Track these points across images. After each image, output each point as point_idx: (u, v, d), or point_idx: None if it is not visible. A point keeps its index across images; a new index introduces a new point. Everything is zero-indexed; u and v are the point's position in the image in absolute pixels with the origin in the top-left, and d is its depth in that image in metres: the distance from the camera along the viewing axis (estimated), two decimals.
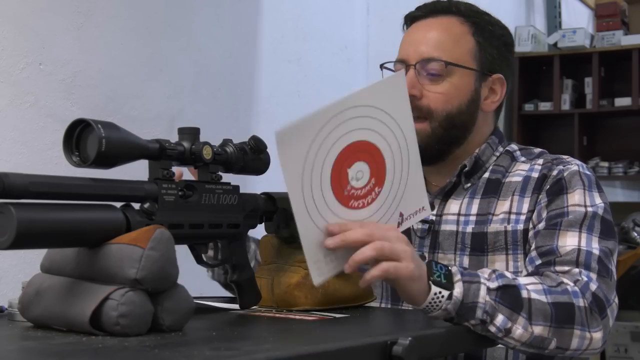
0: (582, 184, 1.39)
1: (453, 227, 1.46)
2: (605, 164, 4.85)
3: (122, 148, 1.06)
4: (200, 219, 1.18)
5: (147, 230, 1.04)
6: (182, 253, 1.15)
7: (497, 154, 1.52)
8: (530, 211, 1.41)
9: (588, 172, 1.42)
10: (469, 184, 1.49)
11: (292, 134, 1.05)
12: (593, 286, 1.25)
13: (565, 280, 1.25)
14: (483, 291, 1.17)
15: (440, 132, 1.47)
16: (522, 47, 4.92)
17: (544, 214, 1.38)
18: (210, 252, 1.33)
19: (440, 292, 1.16)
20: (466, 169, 1.49)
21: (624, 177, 4.91)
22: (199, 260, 1.27)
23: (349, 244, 1.11)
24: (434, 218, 1.49)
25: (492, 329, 1.17)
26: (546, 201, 1.40)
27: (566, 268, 1.28)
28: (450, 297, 1.15)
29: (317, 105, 1.11)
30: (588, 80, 4.87)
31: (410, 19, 1.54)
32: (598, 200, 1.38)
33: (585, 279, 1.26)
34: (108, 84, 2.12)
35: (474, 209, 1.46)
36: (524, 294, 1.19)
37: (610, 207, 1.40)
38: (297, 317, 1.24)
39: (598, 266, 1.28)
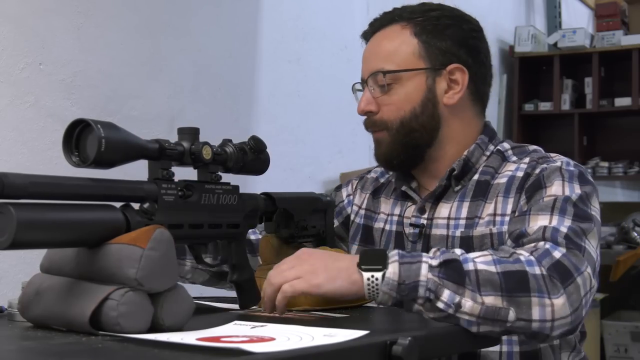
0: (562, 178, 1.37)
1: (443, 232, 1.46)
2: (605, 164, 4.85)
3: (121, 148, 1.06)
4: (199, 219, 1.18)
5: (147, 230, 1.04)
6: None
7: (488, 153, 1.50)
8: (513, 212, 1.40)
9: (571, 168, 1.40)
10: (459, 187, 1.48)
11: None
12: (557, 254, 1.20)
13: (520, 251, 1.21)
14: (424, 269, 1.15)
15: (400, 138, 1.48)
16: (522, 47, 4.92)
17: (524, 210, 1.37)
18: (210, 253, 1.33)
19: (373, 276, 1.16)
20: (455, 172, 1.48)
21: (624, 177, 4.91)
22: (199, 260, 1.27)
23: (269, 304, 1.20)
24: (425, 222, 1.48)
25: (441, 305, 1.14)
26: (525, 199, 1.38)
27: (532, 244, 1.25)
28: (383, 279, 1.15)
29: (317, 105, 1.10)
30: (588, 80, 4.87)
31: (364, 37, 1.58)
32: (577, 190, 1.35)
33: (547, 247, 1.22)
34: (108, 84, 2.12)
35: (464, 212, 1.45)
36: (470, 266, 1.16)
37: (610, 207, 1.40)
38: (297, 317, 1.24)
39: (566, 241, 1.24)
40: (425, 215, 1.49)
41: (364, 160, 3.32)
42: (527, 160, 1.46)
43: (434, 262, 1.16)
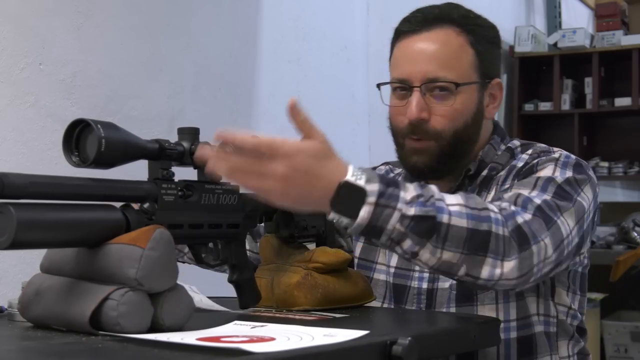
0: (554, 164, 1.37)
1: None
2: (605, 164, 4.85)
3: (121, 148, 1.06)
4: (199, 219, 1.18)
5: (147, 230, 1.04)
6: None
7: (499, 152, 1.51)
8: None
9: (568, 159, 1.40)
10: (471, 186, 1.49)
11: None
12: (519, 219, 1.21)
13: (491, 206, 1.20)
14: (395, 219, 1.11)
15: (448, 149, 1.45)
16: (522, 47, 4.92)
17: None
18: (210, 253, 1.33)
19: (339, 219, 1.11)
20: (470, 172, 1.48)
21: (624, 177, 4.91)
22: (199, 260, 1.27)
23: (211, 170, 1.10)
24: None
25: (399, 250, 1.14)
26: (516, 182, 1.39)
27: (501, 203, 1.25)
28: (351, 222, 1.11)
29: (317, 105, 1.11)
30: (588, 80, 4.87)
31: (405, 33, 1.48)
32: (567, 174, 1.35)
33: (513, 210, 1.22)
34: (108, 84, 2.12)
35: None
36: (444, 218, 1.13)
37: (610, 207, 1.40)
38: (297, 317, 1.24)
39: (535, 210, 1.24)
40: None
41: (364, 161, 3.32)
42: (529, 151, 1.47)
43: (409, 212, 1.12)
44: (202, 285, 1.61)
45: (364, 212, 1.10)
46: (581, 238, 1.33)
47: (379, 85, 1.52)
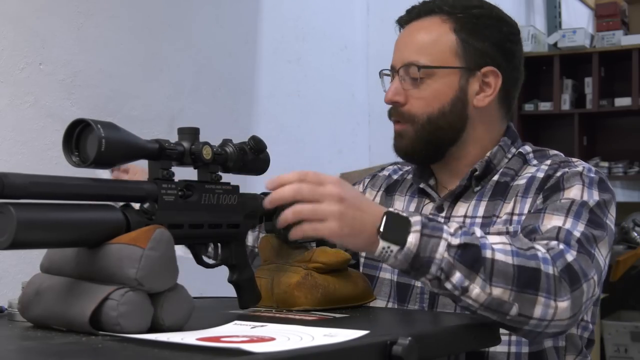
0: (582, 182, 1.37)
1: None
2: (605, 164, 4.85)
3: (121, 148, 1.06)
4: (199, 219, 1.18)
5: (147, 230, 1.04)
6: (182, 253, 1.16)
7: (509, 155, 1.49)
8: (530, 211, 1.39)
9: (592, 175, 1.39)
10: (478, 187, 1.47)
11: None
12: (569, 257, 1.21)
13: (538, 246, 1.21)
14: (442, 247, 1.14)
15: (424, 134, 1.46)
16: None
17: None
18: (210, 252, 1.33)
19: (389, 247, 1.14)
20: (477, 173, 1.47)
21: (624, 177, 4.91)
22: (199, 260, 1.27)
23: (280, 202, 1.17)
24: (442, 221, 1.48)
25: (449, 286, 1.15)
26: (542, 198, 1.38)
27: (545, 241, 1.25)
28: (401, 250, 1.14)
29: (317, 105, 1.11)
30: (588, 80, 4.88)
31: (400, 23, 1.54)
32: (595, 196, 1.35)
33: (561, 248, 1.22)
34: (108, 84, 2.12)
35: (480, 211, 1.45)
36: (488, 253, 1.15)
37: None
38: (297, 317, 1.24)
39: (578, 245, 1.25)
40: (443, 214, 1.48)
41: (363, 160, 3.33)
42: (548, 162, 1.45)
43: (454, 242, 1.15)
44: (202, 285, 1.61)
45: (412, 238, 1.14)
46: (609, 262, 1.34)
47: (380, 73, 1.58)
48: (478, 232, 1.20)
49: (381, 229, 1.15)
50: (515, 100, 1.56)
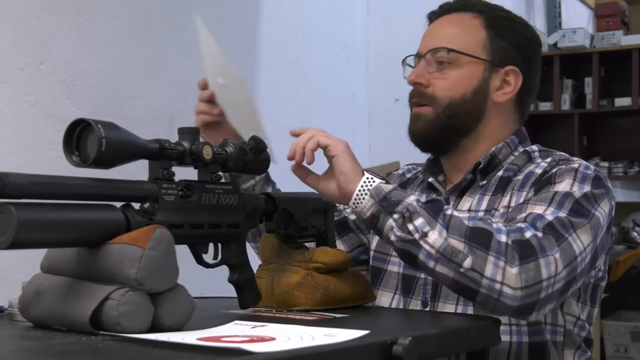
0: (573, 177, 1.38)
1: None
2: (605, 164, 4.85)
3: (122, 148, 1.06)
4: (200, 219, 1.18)
5: (147, 230, 1.04)
6: (182, 253, 1.16)
7: (516, 154, 1.52)
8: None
9: (588, 171, 1.40)
10: (484, 182, 1.50)
11: None
12: (527, 234, 1.24)
13: (496, 221, 1.29)
14: (411, 198, 1.27)
15: (442, 118, 1.49)
16: None
17: None
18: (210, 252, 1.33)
19: (371, 178, 1.29)
20: (481, 166, 1.49)
21: (624, 177, 4.91)
22: (199, 260, 1.27)
23: (300, 150, 1.36)
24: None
25: (411, 227, 1.24)
26: (533, 192, 1.40)
27: (511, 222, 1.29)
28: (379, 185, 1.27)
29: (317, 105, 1.11)
30: (588, 80, 4.87)
31: (430, 17, 1.60)
32: (584, 189, 1.36)
33: (521, 226, 1.26)
34: (108, 84, 2.12)
35: (483, 205, 1.47)
36: (448, 211, 1.26)
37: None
38: (297, 317, 1.24)
39: (545, 227, 1.26)
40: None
41: (363, 160, 3.32)
42: (548, 159, 1.48)
43: (422, 199, 1.29)
44: (202, 285, 1.61)
45: (388, 185, 1.29)
46: (595, 253, 1.33)
47: (403, 62, 1.61)
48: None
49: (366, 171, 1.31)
50: (529, 109, 1.61)
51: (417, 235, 1.23)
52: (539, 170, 1.45)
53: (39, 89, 1.93)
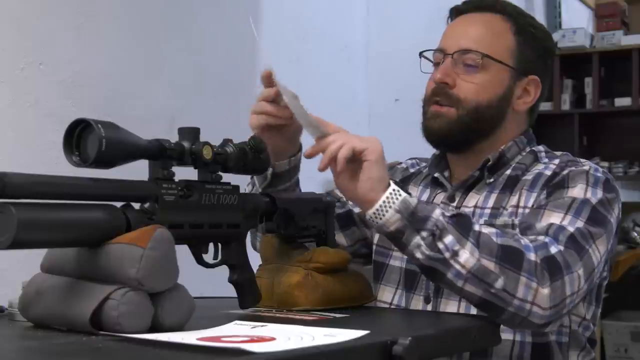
0: (586, 181, 1.38)
1: None
2: (605, 164, 4.86)
3: (122, 148, 1.06)
4: (200, 219, 1.18)
5: (147, 230, 1.04)
6: (182, 253, 1.16)
7: (523, 153, 1.52)
8: (534, 206, 1.41)
9: (598, 174, 1.41)
10: (491, 179, 1.50)
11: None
12: (552, 249, 1.24)
13: (522, 237, 1.27)
14: (437, 211, 1.23)
15: (466, 121, 1.48)
16: None
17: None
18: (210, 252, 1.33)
19: (397, 191, 1.23)
20: (489, 163, 1.49)
21: (624, 177, 4.92)
22: (199, 260, 1.27)
23: (332, 156, 1.24)
24: (453, 211, 1.48)
25: (441, 245, 1.20)
26: (546, 194, 1.40)
27: (534, 237, 1.29)
28: (404, 200, 1.22)
29: (317, 105, 1.12)
30: (588, 80, 4.88)
31: (455, 12, 1.57)
32: (598, 195, 1.37)
33: (545, 241, 1.26)
34: (108, 84, 2.12)
35: (490, 202, 1.47)
36: (476, 227, 1.23)
37: None
38: (297, 317, 1.24)
39: (567, 240, 1.27)
40: (454, 204, 1.51)
41: None
42: (556, 161, 1.48)
43: (447, 213, 1.24)
44: (202, 285, 1.61)
45: (414, 199, 1.24)
46: (607, 258, 1.36)
47: (421, 54, 1.57)
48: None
49: (392, 182, 1.25)
50: (537, 115, 1.61)
51: (447, 254, 1.20)
52: (548, 172, 1.45)
53: (39, 89, 1.93)
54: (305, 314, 1.27)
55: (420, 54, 1.57)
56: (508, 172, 1.49)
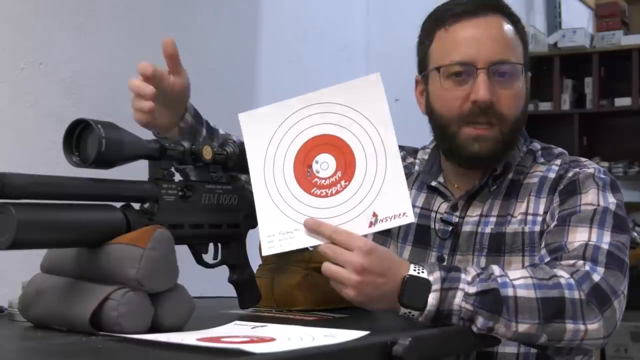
0: (596, 185, 1.38)
1: (473, 228, 1.45)
2: (605, 164, 4.86)
3: (122, 148, 1.06)
4: (200, 219, 1.18)
5: (147, 230, 1.04)
6: (182, 253, 1.16)
7: (522, 154, 1.50)
8: (546, 212, 1.40)
9: (603, 176, 1.41)
10: (495, 186, 1.46)
11: (257, 118, 1.32)
12: (596, 277, 1.22)
13: (560, 273, 1.21)
14: (459, 298, 1.16)
15: (508, 137, 1.42)
16: None
17: (556, 214, 1.37)
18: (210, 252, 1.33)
19: (410, 312, 1.17)
20: (496, 172, 1.46)
21: (624, 177, 4.92)
22: (199, 260, 1.27)
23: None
24: (457, 220, 1.47)
25: (474, 329, 1.18)
26: (559, 201, 1.38)
27: (571, 262, 1.25)
28: (421, 314, 1.17)
29: None
30: (588, 80, 4.88)
31: (452, 17, 1.42)
32: (611, 199, 1.37)
33: (587, 269, 1.23)
34: (108, 84, 2.12)
35: (496, 210, 1.44)
36: (509, 292, 1.17)
37: None
38: (297, 317, 1.24)
39: (607, 259, 1.26)
40: (458, 213, 1.47)
41: None
42: (558, 162, 1.46)
43: (471, 290, 1.17)
44: (202, 285, 1.61)
45: (432, 299, 1.16)
46: None
47: (438, 69, 1.41)
48: (497, 270, 1.21)
49: (402, 299, 1.17)
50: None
51: (484, 332, 1.18)
52: (552, 174, 1.43)
53: (39, 89, 1.93)
54: (305, 314, 1.27)
55: (438, 69, 1.41)
56: (510, 176, 1.47)
